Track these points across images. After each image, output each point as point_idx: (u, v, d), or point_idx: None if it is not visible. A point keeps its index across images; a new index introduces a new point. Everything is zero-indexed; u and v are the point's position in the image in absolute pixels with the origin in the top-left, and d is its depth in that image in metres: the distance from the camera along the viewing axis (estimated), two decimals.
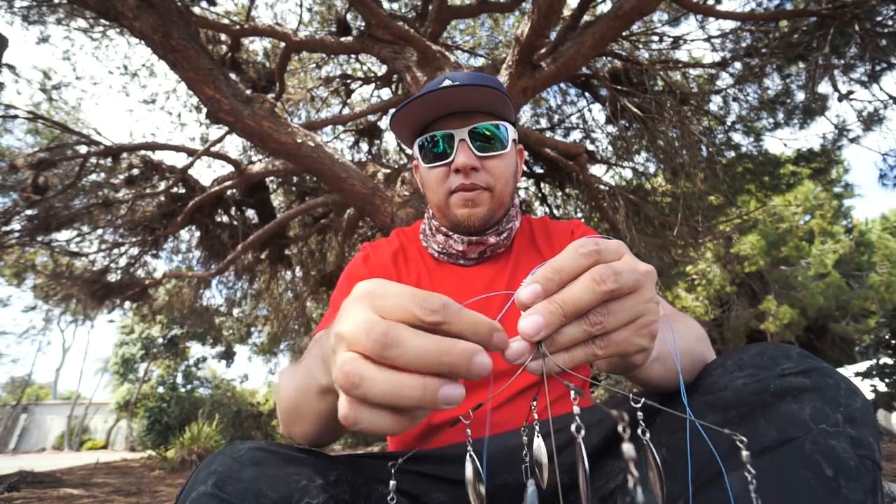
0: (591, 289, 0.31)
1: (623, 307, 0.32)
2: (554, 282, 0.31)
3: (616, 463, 0.54)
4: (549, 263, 0.32)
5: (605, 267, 0.31)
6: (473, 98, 0.73)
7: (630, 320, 0.32)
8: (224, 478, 0.42)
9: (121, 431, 20.90)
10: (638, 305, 0.32)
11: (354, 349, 0.29)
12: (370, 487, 0.54)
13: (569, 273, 0.31)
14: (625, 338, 0.32)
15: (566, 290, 0.31)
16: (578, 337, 0.32)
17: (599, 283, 0.31)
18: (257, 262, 5.56)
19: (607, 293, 0.31)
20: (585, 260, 0.31)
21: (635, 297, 0.32)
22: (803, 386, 0.40)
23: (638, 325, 0.33)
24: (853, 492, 0.35)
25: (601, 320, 0.31)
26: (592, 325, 0.31)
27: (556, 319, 0.30)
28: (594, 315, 0.31)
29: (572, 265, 0.31)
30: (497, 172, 0.76)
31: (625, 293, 0.32)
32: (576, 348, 0.32)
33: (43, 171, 4.30)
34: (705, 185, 4.42)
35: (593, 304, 0.31)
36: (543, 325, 0.30)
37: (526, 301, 0.31)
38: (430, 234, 0.84)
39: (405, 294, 0.30)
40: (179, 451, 6.49)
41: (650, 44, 4.55)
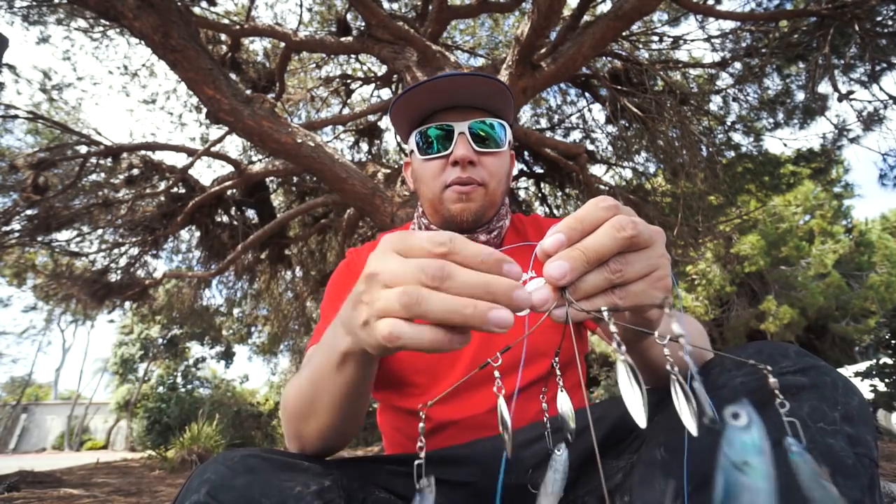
0: (611, 235, 0.33)
1: (640, 258, 0.34)
2: (577, 230, 0.33)
3: (615, 462, 0.54)
4: (571, 215, 0.34)
5: (624, 217, 0.33)
6: (473, 92, 0.73)
7: (646, 272, 0.34)
8: (217, 486, 0.42)
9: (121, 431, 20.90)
10: (653, 259, 0.34)
11: (407, 282, 0.33)
12: (366, 492, 0.54)
13: (590, 223, 0.33)
14: (642, 289, 0.34)
15: (589, 237, 0.33)
16: (600, 284, 0.33)
17: (619, 231, 0.32)
18: (257, 262, 5.56)
19: (627, 239, 0.33)
20: (605, 213, 0.33)
21: (650, 251, 0.34)
22: (801, 384, 0.40)
23: (653, 279, 0.34)
24: (851, 490, 0.35)
25: (620, 268, 0.33)
26: (613, 273, 0.33)
27: (580, 265, 0.32)
28: (614, 263, 0.33)
29: (594, 216, 0.33)
30: (493, 169, 0.76)
31: (641, 246, 0.34)
32: (597, 297, 0.34)
33: (43, 171, 4.30)
34: (705, 185, 4.42)
35: (614, 250, 0.33)
36: (569, 269, 0.32)
37: (550, 249, 0.33)
38: None
39: (422, 236, 0.34)
40: (179, 451, 6.48)
41: (650, 44, 4.55)
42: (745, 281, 11.32)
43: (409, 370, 0.75)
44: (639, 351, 0.45)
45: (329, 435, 0.55)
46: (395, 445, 0.79)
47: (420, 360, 0.75)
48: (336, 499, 0.47)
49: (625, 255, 0.34)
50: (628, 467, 0.51)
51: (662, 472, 0.41)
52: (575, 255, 0.32)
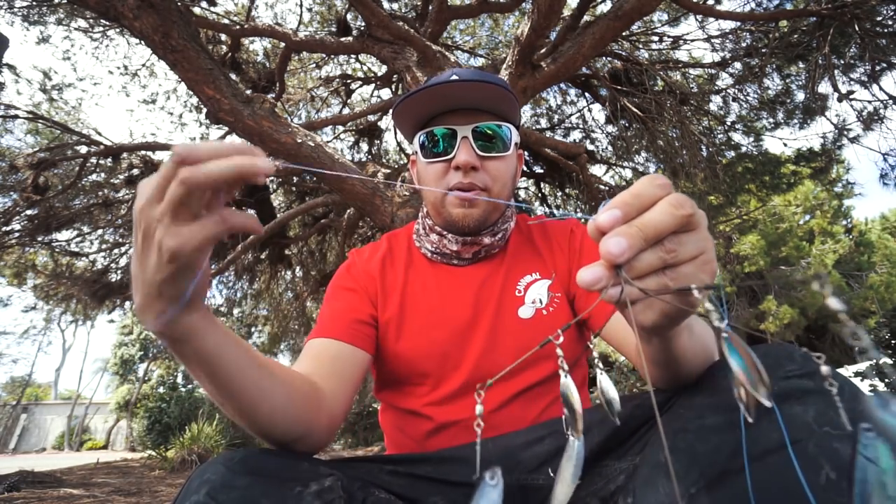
0: (671, 213, 0.31)
1: (692, 239, 0.33)
2: (633, 206, 0.32)
3: (617, 464, 0.54)
4: (626, 190, 0.33)
5: (681, 195, 0.32)
6: (479, 95, 0.72)
7: (696, 254, 0.33)
8: (217, 487, 0.42)
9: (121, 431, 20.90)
10: (702, 241, 0.34)
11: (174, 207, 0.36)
12: (366, 492, 0.54)
13: (648, 199, 0.32)
14: (692, 272, 0.33)
15: (647, 214, 0.32)
16: (654, 264, 0.32)
17: (678, 208, 0.31)
18: (257, 262, 5.56)
19: (686, 217, 0.32)
20: (661, 190, 0.32)
21: (700, 232, 0.34)
22: (807, 388, 0.40)
23: (702, 261, 0.34)
24: None
25: (675, 248, 0.32)
26: (668, 253, 0.32)
27: (638, 242, 0.31)
28: (669, 243, 0.32)
29: (650, 192, 0.32)
30: (496, 174, 0.75)
31: (694, 226, 0.33)
32: (649, 277, 0.33)
33: (43, 171, 4.30)
34: (705, 185, 4.42)
35: (672, 228, 0.32)
36: (627, 246, 0.31)
37: (605, 225, 0.32)
38: (424, 233, 0.82)
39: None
40: (179, 451, 6.48)
41: (650, 44, 4.54)
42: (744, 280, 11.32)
43: (412, 371, 0.75)
44: (666, 339, 0.43)
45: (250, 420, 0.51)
46: (397, 445, 0.78)
47: (424, 361, 0.75)
48: (336, 499, 0.47)
49: (678, 235, 0.33)
50: (631, 469, 0.51)
51: (666, 474, 0.41)
52: (633, 232, 0.31)
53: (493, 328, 0.75)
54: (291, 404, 0.53)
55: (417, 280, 0.81)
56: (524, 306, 0.76)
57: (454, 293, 0.78)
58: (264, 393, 0.50)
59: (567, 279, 0.78)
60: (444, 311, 0.77)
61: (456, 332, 0.75)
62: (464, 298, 0.77)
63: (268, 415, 0.51)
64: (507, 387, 0.72)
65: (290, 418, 0.53)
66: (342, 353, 0.69)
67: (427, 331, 0.76)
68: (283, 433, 0.54)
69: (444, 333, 0.75)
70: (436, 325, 0.76)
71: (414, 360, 0.75)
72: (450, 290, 0.79)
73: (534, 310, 0.76)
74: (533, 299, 0.77)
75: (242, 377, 0.48)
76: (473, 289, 0.78)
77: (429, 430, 0.72)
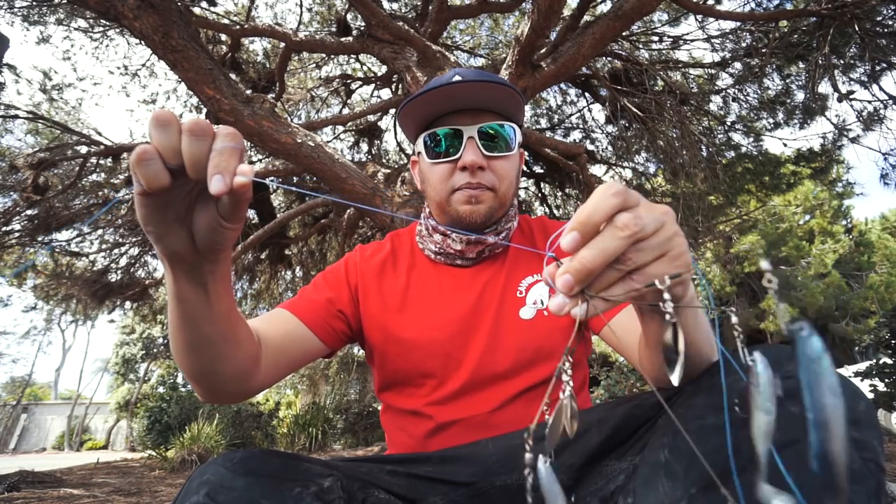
0: (615, 237, 0.33)
1: (649, 245, 0.34)
2: (589, 226, 0.33)
3: (617, 464, 0.54)
4: (581, 208, 0.34)
5: (626, 215, 0.33)
6: (484, 96, 0.72)
7: (659, 255, 0.34)
8: (217, 487, 0.42)
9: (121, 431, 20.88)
10: (664, 242, 0.34)
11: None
12: (366, 492, 0.54)
13: (602, 215, 0.33)
14: (660, 270, 0.34)
15: (592, 244, 0.33)
16: (615, 276, 0.34)
17: (622, 230, 0.33)
18: (257, 262, 5.56)
19: (631, 237, 0.33)
20: (614, 201, 0.33)
21: (660, 233, 0.34)
22: None
23: (669, 258, 0.35)
24: (857, 494, 0.35)
25: (631, 257, 0.34)
26: (625, 264, 0.34)
27: (584, 275, 0.33)
28: (626, 254, 0.34)
29: (602, 208, 0.33)
30: (502, 173, 0.75)
31: (649, 234, 0.34)
32: (615, 285, 0.34)
33: (43, 171, 4.30)
34: (705, 185, 4.42)
35: (620, 250, 0.33)
36: (574, 282, 0.33)
37: (568, 248, 0.34)
38: (427, 234, 0.82)
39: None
40: (179, 451, 6.48)
41: (650, 44, 4.54)
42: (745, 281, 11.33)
43: (414, 372, 0.76)
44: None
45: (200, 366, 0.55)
46: (398, 446, 0.79)
47: (426, 361, 0.75)
48: (336, 499, 0.47)
49: (635, 244, 0.34)
50: (631, 469, 0.51)
51: (666, 474, 0.41)
52: (578, 268, 0.33)
53: (494, 329, 0.75)
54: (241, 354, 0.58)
55: (420, 281, 0.81)
56: (525, 307, 0.76)
57: (456, 294, 0.78)
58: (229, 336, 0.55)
59: None
60: (446, 312, 0.77)
61: (458, 332, 0.75)
62: (466, 299, 0.77)
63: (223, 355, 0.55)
64: (508, 387, 0.72)
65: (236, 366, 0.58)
66: (297, 331, 0.72)
67: (429, 332, 0.76)
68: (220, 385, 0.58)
69: (446, 334, 0.75)
70: (438, 326, 0.76)
71: (416, 361, 0.75)
72: (452, 291, 0.79)
73: (535, 311, 0.76)
74: (534, 300, 0.77)
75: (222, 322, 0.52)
76: (476, 290, 0.78)
77: (430, 430, 0.72)
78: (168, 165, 0.38)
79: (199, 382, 0.58)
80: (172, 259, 0.45)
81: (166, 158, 0.38)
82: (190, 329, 0.51)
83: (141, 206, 0.40)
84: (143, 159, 0.37)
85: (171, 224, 0.42)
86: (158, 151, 0.37)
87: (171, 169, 0.38)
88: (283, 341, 0.70)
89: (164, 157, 0.38)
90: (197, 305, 0.49)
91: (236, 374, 0.58)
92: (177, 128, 0.38)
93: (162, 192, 0.39)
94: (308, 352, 0.73)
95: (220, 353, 0.54)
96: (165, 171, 0.38)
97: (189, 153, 0.37)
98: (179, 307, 0.49)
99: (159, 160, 0.38)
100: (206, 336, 0.52)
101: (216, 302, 0.49)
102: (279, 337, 0.69)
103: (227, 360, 0.56)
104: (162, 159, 0.38)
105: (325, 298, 0.77)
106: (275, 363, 0.67)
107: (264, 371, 0.65)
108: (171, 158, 0.38)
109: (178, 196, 0.41)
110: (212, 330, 0.52)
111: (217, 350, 0.54)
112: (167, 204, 0.41)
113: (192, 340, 0.52)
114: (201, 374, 0.56)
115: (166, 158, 0.38)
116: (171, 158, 0.38)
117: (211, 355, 0.54)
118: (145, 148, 0.37)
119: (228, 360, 0.56)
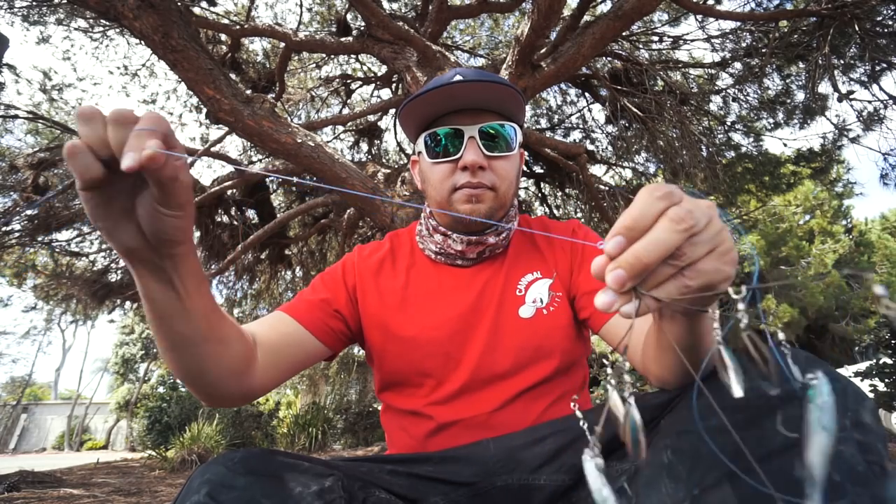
0: (671, 230, 0.32)
1: (702, 239, 0.33)
2: (636, 230, 0.32)
3: (619, 465, 0.54)
4: (626, 212, 0.33)
5: (679, 208, 0.32)
6: (485, 96, 0.73)
7: (711, 249, 0.33)
8: (218, 486, 0.42)
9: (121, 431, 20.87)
10: (714, 236, 0.33)
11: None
12: (367, 492, 0.54)
13: (649, 218, 0.32)
14: (711, 267, 0.33)
15: (648, 236, 0.32)
16: (668, 273, 0.33)
17: (679, 223, 0.32)
18: (257, 262, 5.56)
19: (687, 231, 0.32)
20: (661, 203, 0.32)
21: (709, 229, 0.33)
22: None
23: (719, 253, 0.34)
24: (861, 497, 0.35)
25: (685, 252, 0.32)
26: (679, 259, 0.33)
27: (638, 270, 0.32)
28: (679, 249, 0.32)
29: (649, 210, 0.32)
30: (503, 173, 0.75)
31: (702, 227, 0.33)
32: (667, 283, 0.33)
33: (43, 171, 4.30)
34: (705, 185, 4.42)
35: (676, 244, 0.32)
36: (627, 277, 0.32)
37: (613, 252, 0.32)
38: (428, 234, 0.82)
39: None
40: (179, 451, 6.48)
41: (650, 44, 4.54)
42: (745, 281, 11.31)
43: (414, 372, 0.76)
44: (695, 323, 0.43)
45: (185, 366, 0.55)
46: (398, 446, 0.78)
47: (426, 361, 0.75)
48: (337, 499, 0.47)
49: (688, 238, 0.33)
50: (633, 470, 0.51)
51: (669, 475, 0.41)
52: (631, 262, 0.31)
53: (493, 328, 0.75)
54: (230, 357, 0.58)
55: (419, 280, 0.81)
56: (525, 306, 0.76)
57: (456, 293, 0.78)
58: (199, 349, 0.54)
59: (568, 279, 0.78)
60: (445, 311, 0.77)
61: (457, 332, 0.75)
62: (466, 299, 0.77)
63: (207, 358, 0.55)
64: (508, 386, 0.72)
65: (224, 366, 0.58)
66: (295, 333, 0.72)
67: (428, 331, 0.76)
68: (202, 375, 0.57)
69: (445, 333, 0.75)
70: (437, 326, 0.76)
71: (415, 361, 0.75)
72: (452, 291, 0.79)
73: (534, 309, 0.76)
74: (534, 298, 0.77)
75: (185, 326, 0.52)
76: (475, 289, 0.78)
77: (430, 430, 0.72)
78: (100, 157, 0.39)
79: (191, 385, 0.58)
80: (129, 255, 0.45)
81: (96, 150, 0.39)
82: (166, 328, 0.51)
83: (85, 202, 0.41)
84: (72, 154, 0.38)
85: (119, 218, 0.43)
86: (87, 145, 0.39)
87: (106, 161, 0.39)
88: (281, 343, 0.70)
89: (93, 150, 0.39)
90: (166, 304, 0.49)
91: (226, 374, 0.58)
92: (101, 120, 0.39)
93: (98, 185, 0.40)
94: (309, 353, 0.74)
95: (203, 353, 0.54)
96: (97, 163, 0.39)
97: (113, 141, 0.39)
98: (150, 306, 0.49)
99: (89, 153, 0.39)
100: (184, 335, 0.52)
101: (187, 300, 0.49)
102: (276, 339, 0.70)
103: (213, 360, 0.56)
104: (93, 152, 0.39)
105: (320, 299, 0.77)
106: (274, 365, 0.68)
107: (262, 373, 0.65)
108: (100, 150, 0.39)
109: (123, 189, 0.42)
110: (188, 329, 0.52)
111: (199, 350, 0.54)
112: (111, 198, 0.42)
113: (171, 340, 0.52)
114: (189, 374, 0.56)
115: (96, 150, 0.39)
116: (101, 150, 0.39)
117: (193, 355, 0.54)
118: (73, 142, 0.38)
119: (214, 360, 0.56)
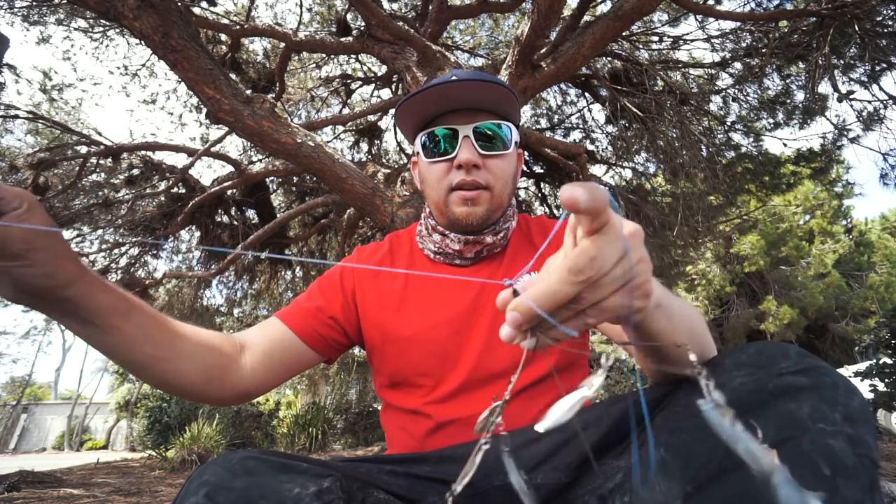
0: (568, 281, 0.31)
1: (606, 281, 0.31)
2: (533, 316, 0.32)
3: (615, 462, 0.54)
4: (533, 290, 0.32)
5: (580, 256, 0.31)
6: (480, 95, 0.73)
7: (618, 288, 0.32)
8: (216, 488, 0.42)
9: (121, 431, 20.87)
10: (624, 274, 0.32)
11: None
12: (365, 493, 0.54)
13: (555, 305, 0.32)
14: (618, 303, 0.32)
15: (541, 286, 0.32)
16: (567, 315, 0.32)
17: (576, 275, 0.30)
18: (257, 261, 5.56)
19: (586, 282, 0.31)
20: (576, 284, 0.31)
21: (618, 268, 0.31)
22: (801, 385, 0.40)
23: (628, 290, 0.32)
24: (851, 490, 0.35)
25: (585, 297, 0.31)
26: (578, 303, 0.32)
27: (532, 318, 0.32)
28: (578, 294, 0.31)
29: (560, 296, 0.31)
30: (498, 172, 0.76)
31: (608, 270, 0.31)
32: (568, 322, 0.33)
33: (43, 171, 4.30)
34: (705, 185, 4.42)
35: (572, 295, 0.31)
36: (522, 321, 0.32)
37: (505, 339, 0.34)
38: (427, 233, 0.83)
39: None
40: (179, 451, 6.49)
41: (650, 44, 4.54)
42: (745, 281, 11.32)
43: (413, 371, 0.76)
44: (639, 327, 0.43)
45: (153, 382, 0.58)
46: (398, 445, 0.79)
47: (425, 360, 0.75)
48: (335, 500, 0.47)
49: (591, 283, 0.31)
50: (628, 467, 0.51)
51: (663, 472, 0.41)
52: (526, 311, 0.32)
53: (492, 327, 0.75)
54: (198, 361, 0.60)
55: (418, 280, 0.81)
56: None
57: (455, 293, 0.79)
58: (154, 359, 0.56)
59: None
60: (444, 310, 0.77)
61: (455, 331, 0.76)
62: (464, 298, 0.78)
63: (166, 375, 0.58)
64: (506, 385, 0.72)
65: (193, 378, 0.60)
66: (286, 339, 0.74)
67: (427, 330, 0.76)
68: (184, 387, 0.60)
69: (444, 333, 0.76)
70: (435, 325, 0.76)
71: (414, 360, 0.75)
72: (450, 290, 0.79)
73: None
74: None
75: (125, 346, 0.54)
76: (474, 289, 0.78)
77: (429, 429, 0.73)
78: None
79: (171, 393, 0.61)
80: (23, 303, 0.48)
81: None
82: (113, 357, 0.53)
83: None
84: None
85: None
86: None
87: None
88: (274, 349, 0.72)
89: None
90: (95, 339, 0.51)
91: (199, 382, 0.60)
92: None
93: None
94: (302, 359, 0.76)
95: (163, 371, 0.56)
96: None
97: None
98: (86, 341, 0.52)
99: None
100: (132, 362, 0.54)
101: (117, 334, 0.51)
102: (269, 344, 0.72)
103: (175, 375, 0.58)
104: None
105: (315, 307, 0.78)
106: (268, 369, 0.70)
107: (254, 375, 0.67)
108: None
109: None
110: (133, 356, 0.53)
111: (158, 369, 0.56)
112: None
113: (125, 366, 0.54)
114: (162, 387, 0.59)
115: None
116: None
117: (153, 375, 0.57)
118: None
119: (177, 375, 0.58)
